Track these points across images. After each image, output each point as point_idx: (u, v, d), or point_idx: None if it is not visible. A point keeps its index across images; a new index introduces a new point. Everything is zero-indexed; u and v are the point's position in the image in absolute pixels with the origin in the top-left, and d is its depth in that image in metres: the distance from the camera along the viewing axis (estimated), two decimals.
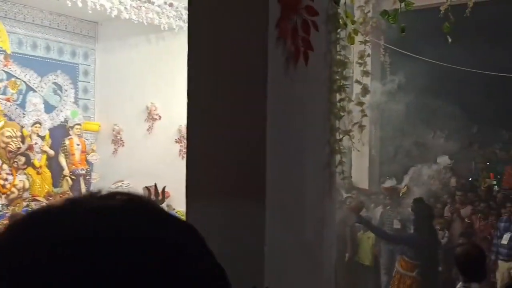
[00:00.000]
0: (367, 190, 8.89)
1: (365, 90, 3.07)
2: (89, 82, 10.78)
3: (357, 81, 3.08)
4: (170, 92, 9.26)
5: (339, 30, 2.96)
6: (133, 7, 8.59)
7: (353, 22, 3.02)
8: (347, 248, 8.16)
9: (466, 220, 8.22)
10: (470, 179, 12.96)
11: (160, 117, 9.79)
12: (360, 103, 3.08)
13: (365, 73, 3.03)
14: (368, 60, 3.17)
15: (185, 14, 9.05)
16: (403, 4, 3.10)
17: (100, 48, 10.68)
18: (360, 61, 3.09)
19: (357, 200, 8.10)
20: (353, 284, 8.52)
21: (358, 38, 3.13)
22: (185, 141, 10.29)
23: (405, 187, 8.31)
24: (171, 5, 8.98)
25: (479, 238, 7.94)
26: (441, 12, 3.97)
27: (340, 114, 2.97)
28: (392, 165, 8.61)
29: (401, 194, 8.43)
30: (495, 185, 11.98)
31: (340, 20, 2.93)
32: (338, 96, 3.00)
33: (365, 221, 7.18)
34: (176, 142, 9.57)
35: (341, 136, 3.00)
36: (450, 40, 3.86)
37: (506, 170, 13.41)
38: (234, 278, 1.90)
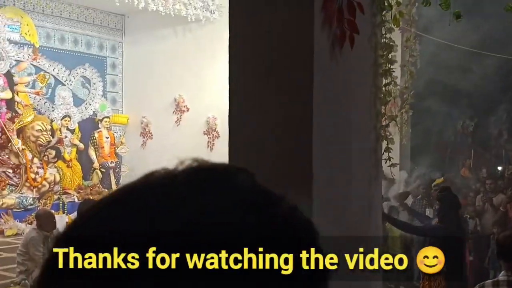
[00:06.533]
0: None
1: (411, 74, 2.96)
2: (117, 75, 10.82)
3: (404, 66, 2.98)
4: (198, 84, 9.20)
5: (384, 12, 2.86)
6: None
7: (399, 4, 2.91)
8: None
9: (501, 208, 8.06)
10: (499, 167, 12.69)
11: (188, 109, 9.76)
12: (407, 88, 2.98)
13: (411, 57, 2.92)
14: (416, 42, 3.06)
15: (212, 4, 8.98)
16: None
17: (127, 41, 10.70)
18: (406, 44, 2.98)
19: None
20: None
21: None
22: (213, 132, 10.11)
23: (442, 178, 8.17)
24: None
25: None
26: None
27: (386, 99, 2.87)
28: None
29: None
30: None
31: (385, 1, 2.83)
32: (384, 81, 2.90)
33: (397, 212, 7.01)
34: (204, 134, 9.54)
35: (387, 122, 2.91)
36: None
37: None
38: None
